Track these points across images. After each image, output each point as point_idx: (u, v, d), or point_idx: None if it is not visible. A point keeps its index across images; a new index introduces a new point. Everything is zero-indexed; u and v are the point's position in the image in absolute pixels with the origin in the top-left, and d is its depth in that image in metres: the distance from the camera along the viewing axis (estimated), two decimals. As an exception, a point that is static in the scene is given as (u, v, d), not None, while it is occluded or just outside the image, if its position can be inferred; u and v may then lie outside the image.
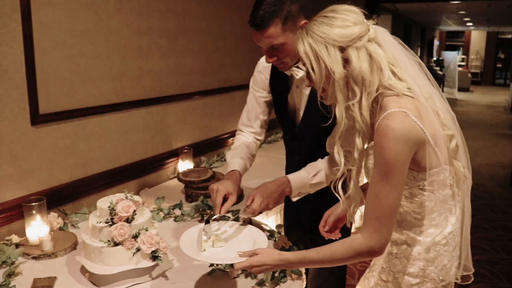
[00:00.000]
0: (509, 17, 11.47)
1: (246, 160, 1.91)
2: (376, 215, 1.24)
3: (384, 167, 1.21)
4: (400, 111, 1.21)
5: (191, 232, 1.60)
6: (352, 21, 1.27)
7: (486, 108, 13.18)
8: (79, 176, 2.24)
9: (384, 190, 1.22)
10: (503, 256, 3.80)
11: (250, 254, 1.37)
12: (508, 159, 6.82)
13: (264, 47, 1.69)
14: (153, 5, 2.59)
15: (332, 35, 1.26)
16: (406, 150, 1.20)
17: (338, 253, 1.28)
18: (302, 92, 1.84)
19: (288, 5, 1.62)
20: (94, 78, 2.26)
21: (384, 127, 1.20)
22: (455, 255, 1.40)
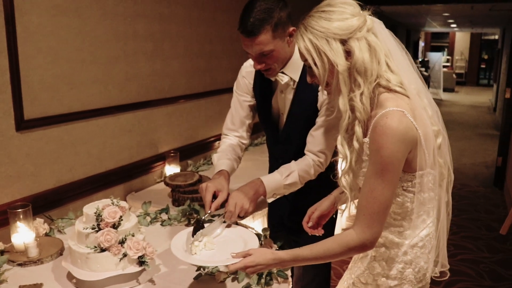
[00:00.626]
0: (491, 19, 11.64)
1: (233, 161, 1.93)
2: (369, 211, 1.26)
3: (381, 165, 1.24)
4: (398, 110, 1.24)
5: (181, 236, 1.61)
6: (350, 13, 1.29)
7: (470, 108, 13.36)
8: (65, 182, 2.23)
9: (378, 187, 1.25)
10: (487, 255, 3.86)
11: (243, 255, 1.38)
12: (492, 159, 6.91)
13: (254, 54, 1.71)
14: (139, 9, 2.59)
15: (332, 29, 1.27)
16: (403, 149, 1.24)
17: (331, 249, 1.31)
18: (286, 97, 1.87)
19: (278, 12, 1.65)
20: (79, 83, 2.25)
21: (384, 125, 1.22)
22: (431, 257, 1.43)
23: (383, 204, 1.26)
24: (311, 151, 1.81)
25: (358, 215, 1.30)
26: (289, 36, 1.73)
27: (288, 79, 1.81)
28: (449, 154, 1.42)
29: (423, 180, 1.33)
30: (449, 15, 11.48)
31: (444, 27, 17.03)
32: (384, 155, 1.22)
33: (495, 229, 4.43)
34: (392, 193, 1.27)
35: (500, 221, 4.49)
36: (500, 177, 5.70)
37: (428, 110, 1.34)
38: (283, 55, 1.75)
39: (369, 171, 1.27)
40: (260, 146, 3.77)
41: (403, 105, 1.25)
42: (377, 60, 1.30)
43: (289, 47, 1.76)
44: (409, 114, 1.24)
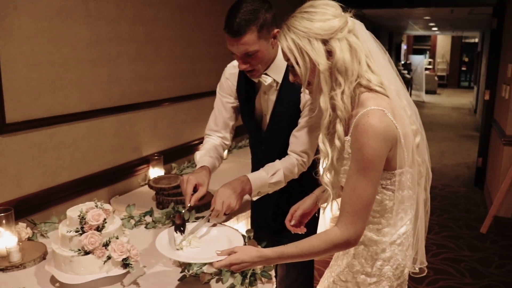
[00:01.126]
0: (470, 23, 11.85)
1: (214, 159, 1.95)
2: (353, 209, 1.29)
3: (363, 163, 1.26)
4: (379, 109, 1.26)
5: (166, 233, 1.63)
6: (331, 14, 1.32)
7: (452, 110, 13.57)
8: (48, 185, 2.22)
9: (361, 185, 1.27)
10: (468, 254, 3.93)
11: (229, 252, 1.40)
12: (473, 159, 7.04)
13: (239, 54, 1.73)
14: (122, 12, 2.59)
15: (314, 29, 1.30)
16: (384, 147, 1.26)
17: (316, 245, 1.32)
18: (269, 98, 1.89)
19: (264, 14, 1.68)
20: (62, 86, 2.25)
21: (365, 124, 1.25)
22: (408, 254, 1.46)
23: (365, 201, 1.28)
24: (295, 151, 1.83)
25: (342, 213, 1.32)
26: (273, 37, 1.76)
27: (271, 81, 1.84)
28: (427, 153, 1.45)
29: (401, 178, 1.36)
30: (430, 19, 11.65)
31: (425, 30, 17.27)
32: (366, 153, 1.25)
33: (475, 228, 4.52)
34: (375, 190, 1.30)
35: (481, 220, 4.58)
36: (481, 178, 5.80)
37: (407, 110, 1.36)
38: (267, 56, 1.78)
39: (352, 169, 1.30)
40: (244, 148, 3.79)
41: (384, 105, 1.28)
42: (357, 60, 1.32)
43: (273, 48, 1.79)
44: (389, 113, 1.27)
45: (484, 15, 8.46)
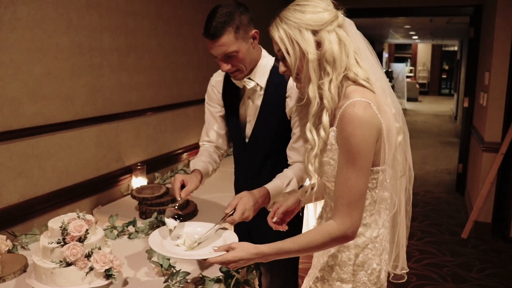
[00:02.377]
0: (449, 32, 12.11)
1: (207, 163, 1.98)
2: (347, 201, 1.29)
3: (351, 153, 1.27)
4: (364, 100, 1.29)
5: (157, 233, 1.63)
6: (322, 8, 1.36)
7: (433, 117, 13.77)
8: (29, 196, 2.20)
9: (352, 176, 1.28)
10: (449, 259, 3.98)
11: (226, 248, 1.40)
12: (454, 165, 7.14)
13: (219, 56, 1.77)
14: (103, 22, 2.59)
15: (305, 20, 1.34)
16: (371, 136, 1.28)
17: (314, 239, 1.32)
18: (253, 103, 1.90)
19: (239, 15, 1.73)
20: (43, 96, 2.23)
21: (351, 113, 1.27)
22: (383, 259, 1.46)
23: (358, 192, 1.29)
24: (298, 161, 1.83)
25: (336, 206, 1.32)
26: (252, 39, 1.80)
27: (255, 85, 1.86)
28: (409, 152, 1.47)
29: (379, 177, 1.37)
30: (411, 27, 11.86)
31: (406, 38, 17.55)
32: (353, 142, 1.26)
33: (457, 233, 4.58)
34: (366, 180, 1.31)
35: (462, 226, 4.65)
36: (461, 183, 5.89)
37: (392, 108, 1.38)
38: (249, 57, 1.81)
39: (341, 161, 1.31)
40: (227, 157, 3.79)
41: (369, 97, 1.31)
42: (346, 53, 1.36)
43: (254, 49, 1.83)
44: (374, 106, 1.30)
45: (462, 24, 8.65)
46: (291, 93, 1.80)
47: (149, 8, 2.99)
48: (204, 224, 1.72)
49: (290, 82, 1.79)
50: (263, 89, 1.87)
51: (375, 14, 6.16)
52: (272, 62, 1.88)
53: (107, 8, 2.61)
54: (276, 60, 1.89)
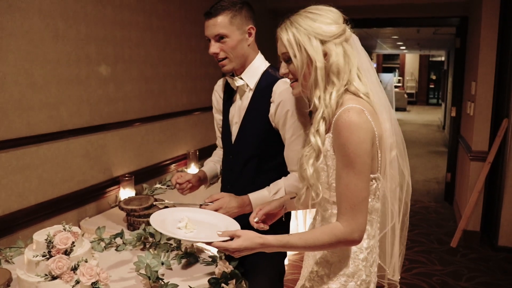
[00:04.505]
0: (436, 42, 12.26)
1: (216, 162, 2.14)
2: (350, 205, 1.30)
3: (348, 158, 1.29)
4: (358, 106, 1.31)
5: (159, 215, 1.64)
6: (333, 20, 1.39)
7: (421, 127, 13.89)
8: (14, 209, 2.16)
9: (352, 180, 1.30)
10: (439, 268, 3.99)
11: (231, 234, 1.39)
12: (442, 175, 7.19)
13: (211, 36, 1.83)
14: (91, 33, 2.58)
15: (315, 28, 1.37)
16: (367, 140, 1.30)
17: (321, 238, 1.33)
18: (242, 104, 1.91)
19: (240, 7, 1.82)
20: (29, 107, 2.21)
21: (346, 119, 1.29)
22: (373, 271, 1.47)
23: (360, 196, 1.30)
24: (293, 170, 1.84)
25: (340, 210, 1.33)
26: (248, 34, 1.85)
27: (244, 84, 1.88)
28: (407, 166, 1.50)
29: (373, 185, 1.38)
30: (398, 38, 11.99)
31: (394, 49, 17.73)
32: (350, 147, 1.28)
33: (446, 242, 4.59)
34: (367, 184, 1.32)
35: (451, 235, 4.66)
36: (450, 192, 5.93)
37: (387, 123, 1.41)
38: (240, 49, 1.84)
39: (339, 167, 1.32)
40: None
41: (363, 105, 1.34)
42: (349, 67, 1.39)
43: (248, 46, 1.86)
44: (367, 113, 1.32)
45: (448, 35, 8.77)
46: (274, 99, 1.80)
47: (137, 19, 2.99)
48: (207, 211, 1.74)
49: (275, 87, 1.80)
50: (252, 90, 1.88)
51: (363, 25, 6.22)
52: (266, 66, 1.90)
53: (95, 18, 2.60)
54: (270, 66, 1.90)
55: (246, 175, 1.91)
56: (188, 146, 3.65)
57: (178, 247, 1.96)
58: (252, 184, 1.87)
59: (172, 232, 1.53)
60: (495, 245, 4.34)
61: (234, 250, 1.36)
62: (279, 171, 1.87)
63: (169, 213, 1.69)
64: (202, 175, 2.06)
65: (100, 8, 2.65)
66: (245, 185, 1.88)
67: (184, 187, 1.97)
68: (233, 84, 1.91)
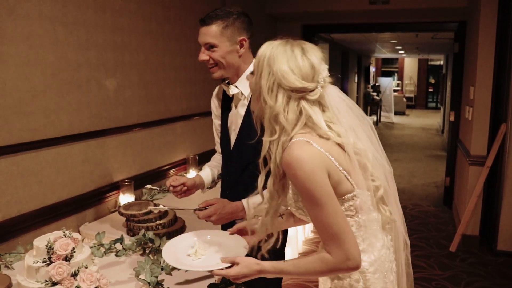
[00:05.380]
0: (435, 46, 12.30)
1: (213, 167, 2.17)
2: (329, 236, 1.27)
3: (307, 194, 1.26)
4: (301, 139, 1.29)
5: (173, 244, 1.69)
6: (303, 71, 1.32)
7: (420, 131, 13.90)
8: (14, 214, 2.16)
9: (318, 213, 1.27)
10: (438, 272, 3.99)
11: (231, 260, 1.43)
12: (441, 179, 7.19)
13: (202, 44, 1.87)
14: (91, 38, 2.59)
15: (280, 70, 1.31)
16: (315, 171, 1.25)
17: (312, 267, 1.33)
18: (238, 112, 1.93)
19: (234, 18, 1.84)
20: (29, 112, 2.22)
21: (287, 157, 1.27)
22: (388, 280, 1.42)
23: (335, 224, 1.26)
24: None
25: (324, 241, 1.32)
26: (239, 46, 1.86)
27: (238, 92, 1.91)
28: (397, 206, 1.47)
29: (355, 202, 1.35)
30: (397, 42, 12.02)
31: (393, 53, 17.78)
32: (302, 183, 1.25)
33: (445, 246, 4.60)
34: (337, 211, 1.27)
35: (450, 239, 4.67)
36: (449, 197, 5.93)
37: (369, 165, 1.37)
38: (229, 59, 1.87)
39: (304, 202, 1.32)
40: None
41: (312, 138, 1.31)
42: (303, 123, 1.33)
43: (238, 57, 1.88)
44: (313, 142, 1.29)
45: (447, 39, 8.79)
46: None
47: (136, 24, 3.00)
48: (214, 231, 1.79)
49: None
50: (247, 98, 1.90)
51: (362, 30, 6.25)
52: None
53: (95, 24, 2.61)
54: None
55: (244, 181, 1.92)
56: (188, 151, 3.66)
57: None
58: (250, 190, 1.88)
59: (181, 262, 1.57)
60: (494, 250, 4.35)
61: (233, 278, 1.40)
62: None
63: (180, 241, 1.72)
64: (198, 180, 2.08)
65: (100, 13, 2.66)
66: (244, 190, 1.89)
67: (179, 190, 1.98)
68: (228, 92, 1.94)
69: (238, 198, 1.88)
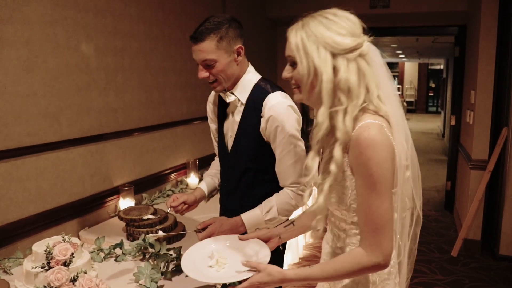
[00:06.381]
0: (435, 51, 12.31)
1: (214, 176, 2.14)
2: (373, 228, 1.22)
3: (371, 178, 1.20)
4: (377, 122, 1.22)
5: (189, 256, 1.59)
6: (349, 31, 1.27)
7: (421, 135, 13.90)
8: (13, 219, 2.15)
9: (375, 201, 1.21)
10: (440, 277, 3.97)
11: (254, 266, 1.36)
12: (442, 183, 7.18)
13: (198, 61, 1.80)
14: (91, 42, 2.58)
15: (326, 38, 1.25)
16: (389, 158, 1.21)
17: (342, 268, 1.26)
18: (234, 118, 1.91)
19: (227, 28, 1.76)
20: (29, 117, 2.21)
21: (367, 136, 1.20)
22: (397, 282, 1.42)
23: (385, 218, 1.21)
24: (285, 185, 1.84)
25: (363, 234, 1.26)
26: (237, 54, 1.81)
27: (235, 99, 1.87)
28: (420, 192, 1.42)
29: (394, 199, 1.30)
30: (397, 46, 12.03)
31: (393, 57, 17.79)
32: (373, 166, 1.19)
33: (447, 251, 4.58)
34: (391, 204, 1.23)
35: (451, 244, 4.65)
36: (450, 201, 5.92)
37: (404, 143, 1.31)
38: (230, 71, 1.82)
39: (361, 187, 1.23)
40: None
41: (382, 120, 1.25)
42: (365, 86, 1.27)
43: (237, 65, 1.83)
44: (386, 128, 1.23)
45: (447, 43, 8.80)
46: (264, 113, 1.79)
47: (137, 28, 3.00)
48: (230, 236, 1.71)
49: (265, 101, 1.79)
50: (244, 105, 1.87)
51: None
52: (257, 79, 1.89)
53: (95, 28, 2.61)
54: (261, 79, 1.90)
55: (242, 187, 1.91)
56: (188, 155, 3.65)
57: (178, 257, 1.95)
58: (248, 196, 1.87)
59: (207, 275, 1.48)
60: (496, 254, 4.33)
61: (254, 286, 1.33)
62: (275, 183, 1.87)
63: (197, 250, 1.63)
64: (199, 193, 2.04)
65: (100, 17, 2.65)
66: (241, 196, 1.88)
67: (180, 209, 1.96)
68: (225, 98, 1.91)
69: (236, 204, 1.87)
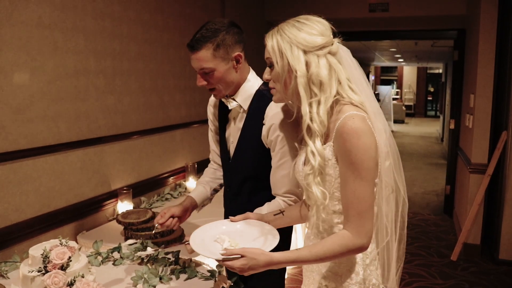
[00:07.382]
0: (434, 55, 12.33)
1: (206, 185, 2.08)
2: (357, 211, 1.30)
3: (355, 164, 1.28)
4: (361, 114, 1.31)
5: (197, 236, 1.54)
6: (318, 31, 1.40)
7: (420, 139, 13.90)
8: (10, 222, 2.14)
9: (359, 187, 1.29)
10: (439, 282, 3.95)
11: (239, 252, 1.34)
12: (441, 187, 7.17)
13: (196, 70, 1.78)
14: (90, 45, 2.58)
15: (298, 38, 1.38)
16: (373, 147, 1.30)
17: (330, 249, 1.31)
18: (236, 125, 1.90)
19: (223, 34, 1.72)
20: (27, 119, 2.20)
21: (352, 125, 1.29)
22: (379, 273, 1.47)
23: (367, 202, 1.30)
24: (277, 194, 1.82)
25: (347, 217, 1.33)
26: (235, 61, 1.77)
27: (237, 106, 1.85)
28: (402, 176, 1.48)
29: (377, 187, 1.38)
30: (396, 50, 12.05)
31: (392, 61, 17.83)
32: (357, 154, 1.28)
33: (446, 255, 4.56)
34: (373, 190, 1.32)
35: (451, 248, 4.63)
36: (449, 205, 5.90)
37: (382, 133, 1.39)
38: (229, 78, 1.79)
39: (345, 174, 1.31)
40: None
41: (363, 113, 1.34)
42: (337, 79, 1.39)
43: (236, 72, 1.80)
44: (368, 120, 1.33)
45: (446, 47, 8.81)
46: (266, 121, 1.77)
47: (136, 32, 2.99)
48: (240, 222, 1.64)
49: (268, 109, 1.76)
50: (246, 111, 1.85)
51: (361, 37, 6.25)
52: (258, 85, 1.86)
53: (93, 31, 2.60)
54: (263, 84, 1.88)
55: (243, 193, 1.90)
56: (187, 158, 3.63)
57: (176, 261, 1.94)
58: (249, 202, 1.85)
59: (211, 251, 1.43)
60: (496, 259, 4.31)
61: (239, 270, 1.33)
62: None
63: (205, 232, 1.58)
64: (189, 202, 1.97)
65: (99, 20, 2.65)
66: (243, 202, 1.86)
67: (169, 224, 1.89)
68: (227, 104, 1.88)
69: (239, 209, 1.84)
